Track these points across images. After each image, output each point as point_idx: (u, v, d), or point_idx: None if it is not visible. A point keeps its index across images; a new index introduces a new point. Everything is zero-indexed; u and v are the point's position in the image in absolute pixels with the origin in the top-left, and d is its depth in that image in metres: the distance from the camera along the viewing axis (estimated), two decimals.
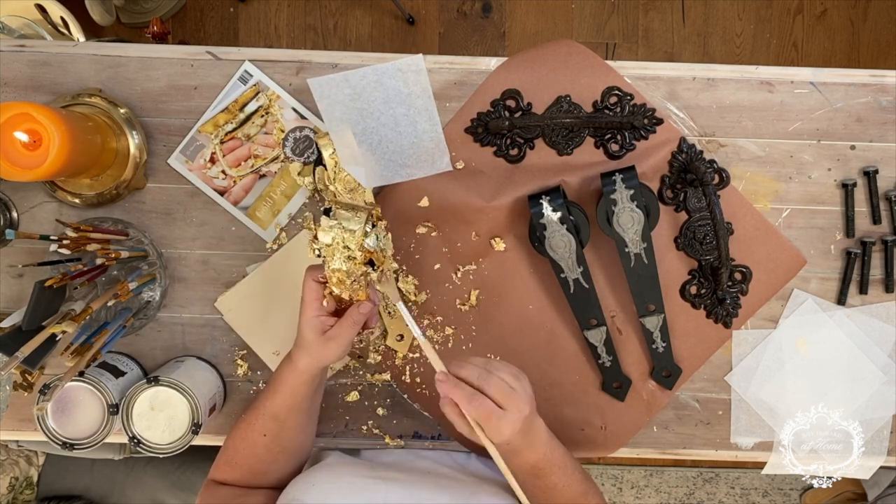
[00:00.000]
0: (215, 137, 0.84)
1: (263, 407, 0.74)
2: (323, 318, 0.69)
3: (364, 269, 0.68)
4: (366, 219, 0.66)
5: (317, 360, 0.70)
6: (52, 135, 0.68)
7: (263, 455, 0.75)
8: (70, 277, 0.73)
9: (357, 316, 0.69)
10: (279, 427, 0.73)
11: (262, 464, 0.75)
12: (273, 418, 0.73)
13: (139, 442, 0.77)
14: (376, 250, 0.67)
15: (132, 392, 0.77)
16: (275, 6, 1.86)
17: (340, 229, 0.65)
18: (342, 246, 0.66)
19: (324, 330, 0.69)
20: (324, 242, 0.66)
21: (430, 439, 0.88)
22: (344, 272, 0.67)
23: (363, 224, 0.66)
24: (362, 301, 0.70)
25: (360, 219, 0.66)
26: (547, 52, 0.84)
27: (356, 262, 0.67)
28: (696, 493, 1.90)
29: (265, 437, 0.74)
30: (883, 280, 0.87)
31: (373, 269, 0.68)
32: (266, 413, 0.73)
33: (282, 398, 0.72)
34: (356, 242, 0.66)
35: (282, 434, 0.74)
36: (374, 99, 0.83)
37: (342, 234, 0.66)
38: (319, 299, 0.69)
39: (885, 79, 0.85)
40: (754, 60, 1.85)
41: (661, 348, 0.85)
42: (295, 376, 0.71)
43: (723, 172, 0.85)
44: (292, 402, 0.72)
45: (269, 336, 0.86)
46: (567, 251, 0.79)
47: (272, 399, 0.73)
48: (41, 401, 0.73)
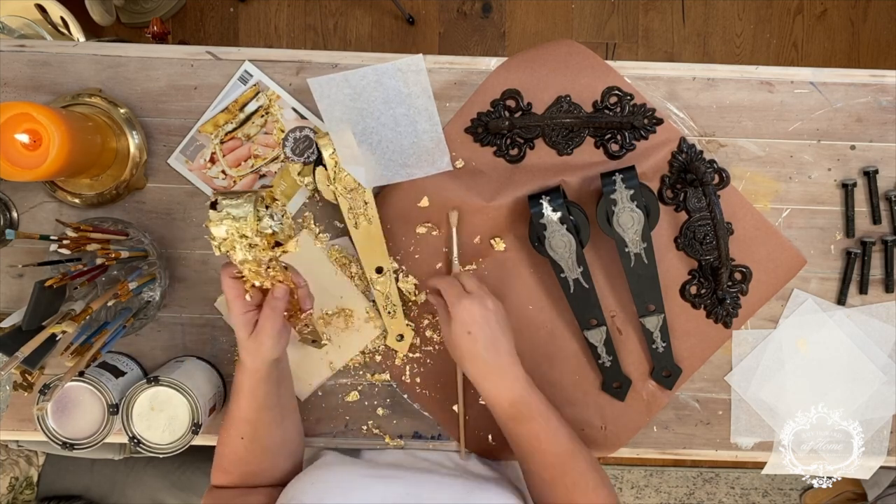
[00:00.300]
0: (215, 137, 0.84)
1: (233, 412, 0.74)
2: (251, 313, 0.68)
3: (272, 254, 0.64)
4: (254, 202, 0.62)
5: (259, 358, 0.69)
6: (52, 135, 0.68)
7: (247, 457, 0.75)
8: (70, 277, 0.73)
9: (274, 302, 0.67)
10: (252, 428, 0.73)
11: (250, 465, 0.75)
12: (244, 421, 0.73)
13: (139, 442, 0.77)
14: (278, 231, 0.64)
15: (132, 392, 0.77)
16: (275, 6, 1.86)
17: (231, 219, 0.62)
18: (239, 235, 0.63)
19: (254, 326, 0.68)
20: (219, 237, 0.63)
21: (431, 439, 0.88)
22: (252, 262, 0.64)
23: (253, 208, 0.62)
24: (276, 286, 0.67)
25: (248, 204, 0.62)
26: (547, 52, 0.84)
27: (261, 248, 0.64)
28: (696, 493, 1.90)
29: (243, 440, 0.74)
30: (883, 280, 0.87)
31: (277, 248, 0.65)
32: (237, 418, 0.73)
33: (245, 401, 0.72)
34: (251, 229, 0.62)
35: (257, 434, 0.74)
36: (374, 99, 0.83)
37: (234, 224, 0.62)
38: (241, 296, 0.67)
39: (885, 79, 0.85)
40: (754, 60, 1.85)
41: (661, 348, 0.85)
42: (248, 377, 0.70)
43: (723, 172, 0.85)
44: (255, 402, 0.72)
45: None
46: (567, 251, 0.79)
47: (237, 403, 0.73)
48: (41, 401, 0.73)
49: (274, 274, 0.67)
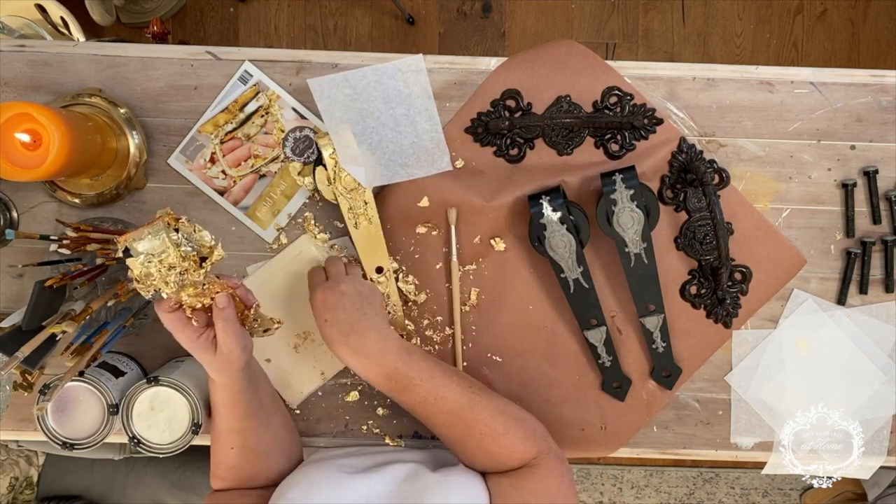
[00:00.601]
0: (215, 137, 0.84)
1: (218, 426, 0.73)
2: (204, 335, 0.66)
3: (202, 272, 0.63)
4: (164, 231, 0.61)
5: (231, 371, 0.68)
6: (52, 135, 0.68)
7: (241, 464, 0.75)
8: (70, 277, 0.73)
9: (224, 313, 0.66)
10: (241, 437, 0.73)
11: (245, 471, 0.75)
12: (231, 433, 0.73)
13: (139, 442, 0.77)
14: (198, 248, 0.63)
15: (132, 392, 0.77)
16: (275, 6, 1.86)
17: (152, 257, 0.61)
18: (167, 269, 0.61)
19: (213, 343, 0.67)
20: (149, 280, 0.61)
21: (431, 439, 0.88)
22: (192, 290, 0.63)
23: (165, 236, 0.61)
24: (216, 295, 0.66)
25: (158, 235, 0.61)
26: (547, 52, 0.84)
27: (192, 271, 0.62)
28: (696, 493, 1.90)
29: (233, 449, 0.74)
30: (883, 280, 0.87)
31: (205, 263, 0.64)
32: (223, 431, 0.73)
33: (228, 414, 0.72)
34: (175, 257, 0.61)
35: (247, 442, 0.74)
36: (374, 99, 0.83)
37: (156, 261, 0.61)
38: (188, 326, 0.66)
39: (885, 79, 0.85)
40: (754, 60, 1.85)
41: (661, 348, 0.85)
42: (224, 393, 0.70)
43: (723, 172, 0.85)
44: (238, 412, 0.72)
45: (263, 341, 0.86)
46: (567, 251, 0.79)
47: (220, 417, 0.72)
48: (41, 401, 0.73)
49: (210, 288, 0.65)
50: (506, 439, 0.71)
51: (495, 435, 0.71)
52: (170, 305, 0.65)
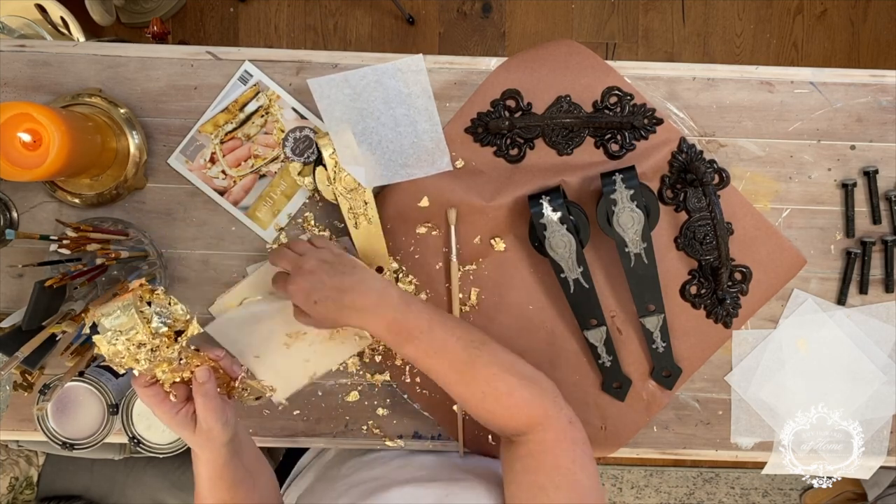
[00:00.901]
0: (215, 137, 0.84)
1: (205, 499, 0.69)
2: (183, 410, 0.63)
3: (178, 347, 0.59)
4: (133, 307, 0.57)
5: (213, 446, 0.65)
6: (52, 135, 0.68)
7: None
8: (70, 277, 0.73)
9: (203, 388, 0.62)
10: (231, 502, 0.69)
11: None
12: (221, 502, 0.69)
13: (139, 442, 0.77)
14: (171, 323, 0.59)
15: (132, 392, 0.77)
16: (275, 6, 1.86)
17: (119, 333, 0.57)
18: (136, 346, 0.57)
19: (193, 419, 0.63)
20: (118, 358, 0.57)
21: (430, 439, 0.88)
22: (166, 366, 0.59)
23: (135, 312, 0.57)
24: (196, 371, 0.62)
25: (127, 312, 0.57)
26: (547, 52, 0.84)
27: (165, 346, 0.58)
28: (696, 493, 1.90)
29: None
30: (883, 280, 0.87)
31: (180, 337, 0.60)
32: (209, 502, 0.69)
33: (213, 488, 0.68)
34: (144, 334, 0.57)
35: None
36: (374, 99, 0.83)
37: (124, 339, 0.57)
38: (165, 398, 0.62)
39: (885, 79, 0.85)
40: (754, 60, 1.85)
41: (661, 348, 0.85)
42: (209, 468, 0.67)
43: (723, 172, 0.85)
44: (224, 484, 0.68)
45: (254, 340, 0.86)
46: (567, 251, 0.79)
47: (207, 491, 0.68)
48: (41, 401, 0.73)
49: (189, 362, 0.61)
50: (509, 399, 0.66)
51: (497, 394, 0.66)
52: (145, 380, 0.61)
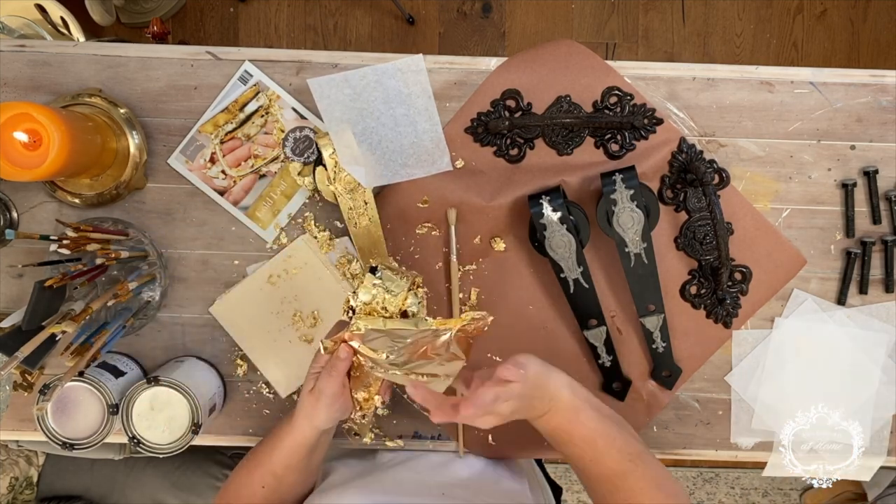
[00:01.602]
0: (215, 137, 0.84)
1: (262, 460, 0.73)
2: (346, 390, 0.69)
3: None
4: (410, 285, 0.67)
5: (310, 421, 0.69)
6: (52, 135, 0.68)
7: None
8: (70, 277, 0.73)
9: (335, 363, 0.67)
10: (277, 482, 0.73)
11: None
12: (271, 474, 0.72)
13: (139, 442, 0.77)
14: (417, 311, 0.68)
15: (132, 392, 0.77)
16: (275, 6, 1.86)
17: (383, 290, 0.66)
18: (381, 307, 0.66)
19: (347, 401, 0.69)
20: (362, 301, 0.66)
21: (430, 439, 0.88)
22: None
23: (407, 289, 0.66)
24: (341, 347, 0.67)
25: (405, 284, 0.66)
26: (547, 52, 0.84)
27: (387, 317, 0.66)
28: (696, 493, 1.90)
29: (263, 488, 0.73)
30: (883, 280, 0.87)
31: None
32: (264, 467, 0.73)
33: (279, 456, 0.72)
34: (397, 304, 0.66)
35: (280, 489, 0.73)
36: (374, 99, 0.83)
37: (384, 295, 0.66)
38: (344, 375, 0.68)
39: (885, 79, 0.85)
40: (754, 60, 1.85)
41: (661, 348, 0.85)
42: (291, 437, 0.70)
43: (723, 172, 0.85)
44: (289, 461, 0.71)
45: (262, 340, 0.86)
46: (567, 251, 0.79)
47: (270, 455, 0.72)
48: (41, 401, 0.73)
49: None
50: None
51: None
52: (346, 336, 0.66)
